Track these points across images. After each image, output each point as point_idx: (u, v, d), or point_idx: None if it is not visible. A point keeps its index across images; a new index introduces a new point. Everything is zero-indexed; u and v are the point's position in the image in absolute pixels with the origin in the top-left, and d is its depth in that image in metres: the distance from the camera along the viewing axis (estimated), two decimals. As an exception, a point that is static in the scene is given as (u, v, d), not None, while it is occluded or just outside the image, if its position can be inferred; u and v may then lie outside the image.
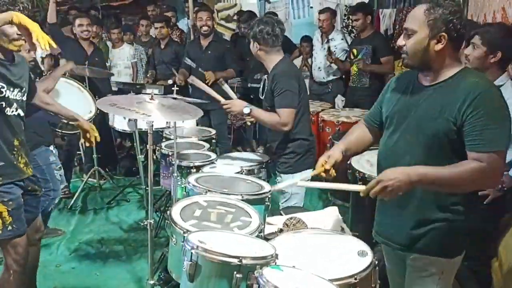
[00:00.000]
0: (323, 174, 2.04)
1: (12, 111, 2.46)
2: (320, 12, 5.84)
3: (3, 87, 2.38)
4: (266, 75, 3.17)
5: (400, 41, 1.88)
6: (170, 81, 5.25)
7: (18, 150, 2.50)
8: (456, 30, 1.77)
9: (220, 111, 4.74)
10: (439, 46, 1.79)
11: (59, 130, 4.13)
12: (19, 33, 2.30)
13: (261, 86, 3.25)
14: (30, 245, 2.86)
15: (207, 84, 3.84)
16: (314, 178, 2.23)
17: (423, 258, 1.93)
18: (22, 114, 2.54)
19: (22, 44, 2.42)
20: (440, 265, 1.92)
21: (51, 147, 3.57)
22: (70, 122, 3.12)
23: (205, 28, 4.82)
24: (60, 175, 3.71)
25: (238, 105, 3.03)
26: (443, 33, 1.77)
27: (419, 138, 1.86)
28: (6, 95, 2.40)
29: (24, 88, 2.54)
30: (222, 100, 3.12)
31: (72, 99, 4.07)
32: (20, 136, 2.54)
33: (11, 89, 2.43)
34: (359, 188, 1.83)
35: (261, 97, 3.24)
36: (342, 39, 5.62)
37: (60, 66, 3.82)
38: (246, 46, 5.33)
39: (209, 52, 4.85)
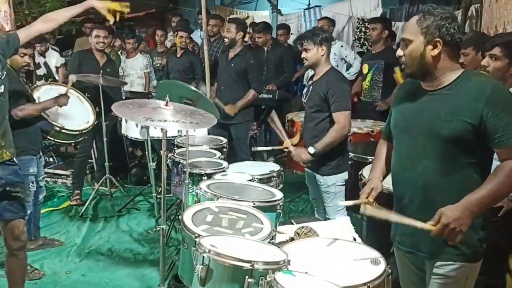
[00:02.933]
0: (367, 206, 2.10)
1: None
2: (320, 19, 5.95)
3: None
4: (311, 81, 3.38)
5: (399, 52, 1.95)
6: None
7: None
8: (449, 34, 1.83)
9: (241, 126, 4.81)
10: (435, 52, 1.85)
11: (51, 138, 4.08)
12: None
13: (305, 91, 3.43)
14: (10, 255, 2.84)
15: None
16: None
17: (449, 265, 1.92)
18: (1, 90, 2.54)
19: None
20: (464, 271, 1.92)
21: (36, 157, 3.53)
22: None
23: (225, 39, 4.84)
24: (40, 186, 3.71)
25: (303, 151, 3.23)
26: (438, 38, 1.84)
27: (434, 142, 1.88)
28: None
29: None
30: (291, 148, 3.33)
31: (71, 108, 4.06)
32: None
33: None
34: (429, 228, 1.81)
35: (303, 101, 3.44)
36: (342, 46, 5.64)
37: (52, 99, 3.77)
38: (258, 57, 5.38)
39: (232, 65, 4.80)
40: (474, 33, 3.91)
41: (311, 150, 3.18)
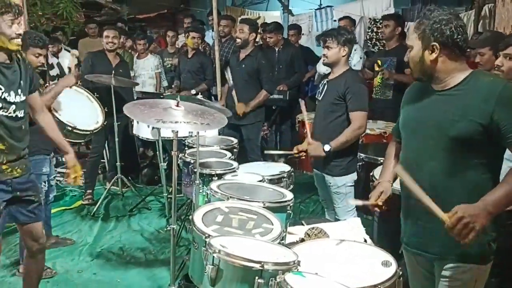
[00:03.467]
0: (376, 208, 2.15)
1: (9, 112, 2.49)
2: (341, 19, 5.88)
3: None
4: (326, 80, 3.38)
5: (406, 57, 1.99)
6: (193, 91, 5.30)
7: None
8: (445, 37, 1.82)
9: (252, 127, 4.82)
10: (432, 56, 1.85)
11: None
12: (18, 32, 2.34)
13: (320, 89, 3.43)
14: (29, 256, 2.86)
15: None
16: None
17: (458, 267, 1.90)
18: (20, 115, 2.56)
19: (20, 43, 2.45)
20: (474, 273, 1.90)
21: (49, 156, 3.57)
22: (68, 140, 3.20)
23: (237, 40, 4.82)
24: (51, 185, 3.73)
25: (319, 147, 3.20)
26: (434, 43, 1.83)
27: (442, 142, 1.86)
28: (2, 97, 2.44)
29: (20, 90, 2.55)
30: (302, 146, 3.32)
31: (80, 108, 4.11)
32: (10, 139, 2.52)
33: (7, 91, 2.46)
34: (443, 217, 1.76)
35: (319, 99, 3.44)
36: (355, 50, 5.60)
37: (62, 80, 3.83)
38: (269, 58, 5.37)
39: (243, 66, 4.80)
40: (492, 33, 3.85)
41: (327, 147, 3.18)
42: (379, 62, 5.09)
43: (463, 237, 1.71)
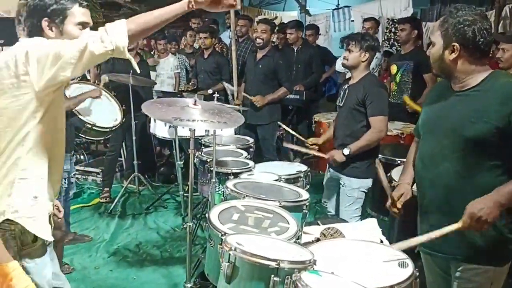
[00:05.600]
0: (394, 210, 2.14)
1: None
2: (366, 20, 5.82)
3: None
4: (347, 85, 3.35)
5: (428, 52, 1.98)
6: (210, 91, 5.32)
7: None
8: (467, 39, 1.79)
9: (267, 126, 4.85)
10: (452, 56, 1.83)
11: (83, 135, 4.20)
12: None
13: (342, 94, 3.42)
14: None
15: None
16: None
17: (473, 269, 1.88)
18: None
19: None
20: (490, 275, 1.87)
21: (69, 154, 3.60)
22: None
23: (258, 40, 4.80)
24: (71, 182, 3.76)
25: (337, 153, 3.24)
26: (455, 43, 1.81)
27: (456, 143, 1.85)
28: None
29: None
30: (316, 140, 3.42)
31: (99, 106, 4.17)
32: None
33: None
34: (456, 227, 1.79)
35: (340, 105, 3.42)
36: (377, 57, 5.53)
37: (87, 91, 3.95)
38: (287, 58, 5.36)
39: (260, 66, 4.81)
40: None
41: (346, 151, 3.18)
42: (395, 67, 5.00)
43: (478, 228, 1.73)
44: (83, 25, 1.91)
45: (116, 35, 1.68)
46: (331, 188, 3.50)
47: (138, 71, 1.96)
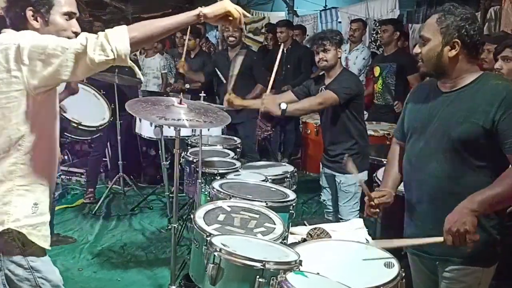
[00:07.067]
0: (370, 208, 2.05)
1: None
2: (353, 21, 5.83)
3: None
4: (323, 86, 3.31)
5: (416, 49, 1.92)
6: (187, 85, 5.29)
7: None
8: (469, 36, 1.79)
9: (247, 124, 4.81)
10: (452, 53, 1.81)
11: (69, 135, 4.14)
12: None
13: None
14: None
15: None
16: None
17: (461, 269, 1.87)
18: None
19: None
20: (477, 276, 1.87)
21: None
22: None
23: (231, 38, 4.82)
24: (57, 183, 3.67)
25: (272, 102, 3.11)
26: (456, 40, 1.80)
27: (444, 143, 1.84)
28: None
29: None
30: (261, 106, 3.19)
31: (88, 105, 4.13)
32: None
33: None
34: (439, 240, 1.77)
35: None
36: (364, 58, 5.56)
37: (66, 91, 3.87)
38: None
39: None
40: (504, 33, 3.84)
41: (283, 105, 3.04)
42: (378, 68, 5.01)
43: (463, 243, 1.70)
44: (70, 15, 1.84)
45: (118, 43, 1.61)
46: (330, 187, 3.49)
47: (142, 79, 1.92)
